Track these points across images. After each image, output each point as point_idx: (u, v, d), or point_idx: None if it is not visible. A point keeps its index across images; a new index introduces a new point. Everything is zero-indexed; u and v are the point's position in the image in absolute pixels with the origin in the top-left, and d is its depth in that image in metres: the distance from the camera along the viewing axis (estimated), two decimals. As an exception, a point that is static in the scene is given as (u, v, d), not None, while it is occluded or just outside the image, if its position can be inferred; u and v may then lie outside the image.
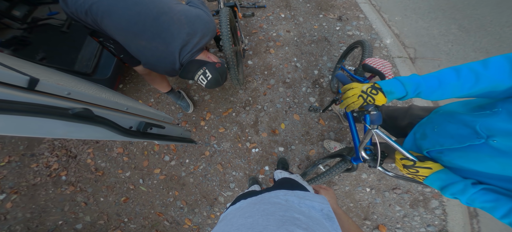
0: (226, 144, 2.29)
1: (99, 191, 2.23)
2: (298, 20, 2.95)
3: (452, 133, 0.83)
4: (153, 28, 1.27)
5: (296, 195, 0.67)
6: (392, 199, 2.07)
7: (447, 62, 2.68)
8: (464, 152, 0.78)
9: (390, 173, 1.16)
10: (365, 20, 2.97)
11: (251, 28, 2.86)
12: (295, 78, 2.56)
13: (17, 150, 2.33)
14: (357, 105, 0.87)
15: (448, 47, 2.76)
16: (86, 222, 2.14)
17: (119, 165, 2.29)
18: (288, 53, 2.71)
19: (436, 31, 2.89)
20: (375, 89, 0.85)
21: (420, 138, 0.99)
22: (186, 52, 1.38)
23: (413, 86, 0.81)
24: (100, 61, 2.04)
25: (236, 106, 2.43)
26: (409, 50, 2.79)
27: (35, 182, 2.22)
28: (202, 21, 1.41)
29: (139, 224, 2.14)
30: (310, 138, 2.29)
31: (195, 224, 2.10)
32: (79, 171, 2.27)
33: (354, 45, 2.01)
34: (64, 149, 2.33)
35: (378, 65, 1.38)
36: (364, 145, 1.12)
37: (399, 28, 2.98)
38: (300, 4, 3.09)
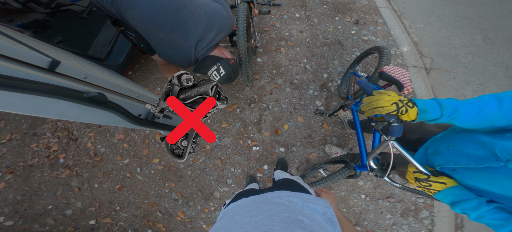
0: (227, 140, 2.34)
1: (94, 177, 2.28)
2: (312, 21, 2.94)
3: (468, 153, 0.81)
4: (173, 21, 1.33)
5: (299, 197, 0.68)
6: (384, 207, 2.09)
7: (464, 76, 2.58)
8: (479, 173, 0.77)
9: (397, 184, 1.15)
10: (384, 26, 2.91)
11: (264, 25, 2.89)
12: (303, 79, 2.56)
13: (20, 128, 2.39)
14: (387, 111, 0.87)
15: (467, 59, 2.65)
16: (76, 208, 2.19)
17: (118, 152, 2.35)
18: (299, 53, 2.71)
19: (458, 42, 2.77)
20: (411, 103, 0.85)
21: (432, 154, 0.99)
22: (201, 47, 1.43)
23: (450, 110, 0.80)
24: (113, 48, 2.14)
25: (241, 103, 2.48)
26: (425, 59, 2.71)
27: (33, 162, 2.27)
28: (220, 16, 1.44)
29: (130, 214, 2.19)
30: (312, 142, 2.29)
31: (188, 217, 2.16)
32: (77, 155, 2.33)
33: (371, 51, 1.96)
34: (66, 131, 2.39)
35: (396, 74, 1.35)
36: (375, 155, 1.12)
37: (419, 36, 2.89)
38: (317, 5, 3.08)
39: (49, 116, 0.70)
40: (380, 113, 0.89)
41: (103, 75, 0.94)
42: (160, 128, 1.25)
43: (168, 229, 2.15)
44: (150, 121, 1.13)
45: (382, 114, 0.88)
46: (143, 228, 2.16)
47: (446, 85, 2.55)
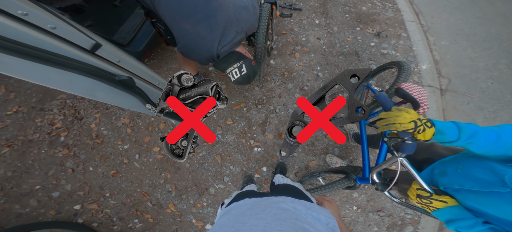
0: (230, 137, 2.46)
1: (91, 160, 2.33)
2: (332, 29, 3.00)
3: (476, 178, 0.86)
4: (201, 13, 1.37)
5: (303, 205, 0.69)
6: (373, 220, 2.17)
7: (478, 101, 2.54)
8: (483, 196, 0.83)
9: (396, 199, 1.20)
10: (406, 40, 2.90)
11: (282, 28, 2.99)
12: (314, 87, 2.63)
13: (29, 101, 2.47)
14: (403, 128, 0.89)
15: (486, 84, 2.60)
16: (64, 190, 2.22)
17: (120, 136, 2.43)
18: (313, 60, 2.79)
19: (482, 64, 2.72)
20: (429, 123, 0.89)
21: (439, 174, 1.04)
22: (225, 42, 1.48)
23: (468, 134, 0.84)
24: (136, 36, 2.32)
25: (249, 102, 2.60)
26: (443, 80, 2.68)
27: (33, 138, 2.33)
28: (248, 13, 1.51)
29: (119, 201, 2.24)
30: (314, 149, 2.36)
31: (178, 210, 2.23)
32: (79, 135, 2.40)
33: (389, 66, 1.96)
34: (73, 109, 2.47)
35: (414, 92, 1.35)
36: (380, 169, 1.16)
37: (442, 54, 2.86)
38: (339, 13, 3.13)
39: (78, 93, 0.79)
40: (396, 130, 0.91)
41: (132, 61, 1.01)
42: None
43: (156, 221, 2.21)
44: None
45: (398, 130, 0.91)
46: (130, 217, 2.21)
47: (458, 109, 2.53)
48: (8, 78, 2.49)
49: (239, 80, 1.56)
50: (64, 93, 2.48)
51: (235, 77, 1.54)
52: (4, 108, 2.42)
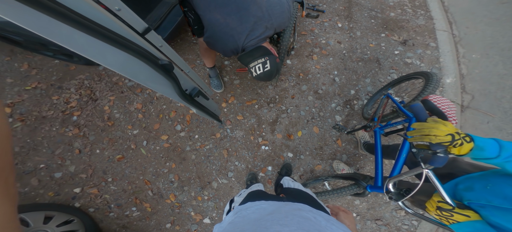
0: (239, 133, 2.49)
1: (99, 142, 2.37)
2: (354, 33, 2.92)
3: (507, 195, 0.85)
4: (235, 4, 1.41)
5: (322, 216, 0.67)
6: (370, 228, 2.16)
7: (499, 121, 2.41)
8: (510, 214, 0.82)
9: (410, 210, 1.19)
10: (434, 51, 2.77)
11: (302, 29, 2.96)
12: (329, 91, 2.59)
13: (49, 79, 2.53)
14: (439, 140, 0.87)
15: (510, 104, 2.44)
16: (67, 171, 2.24)
17: (131, 120, 2.47)
18: (331, 64, 2.74)
19: (510, 83, 2.54)
20: (469, 138, 0.86)
21: (464, 189, 1.02)
22: (253, 36, 1.50)
23: (509, 153, 0.83)
24: (161, 24, 2.37)
25: (261, 100, 2.61)
26: (465, 96, 2.53)
27: (47, 114, 2.38)
28: (281, 8, 1.52)
29: (120, 188, 2.25)
30: (321, 154, 2.34)
31: (178, 201, 2.24)
32: (91, 116, 2.44)
33: (414, 76, 1.88)
34: (90, 89, 2.52)
35: (443, 105, 1.31)
36: (400, 179, 1.15)
37: (470, 68, 2.70)
38: (364, 18, 3.04)
39: (125, 74, 0.84)
40: (430, 141, 0.88)
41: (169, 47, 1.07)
42: (196, 107, 1.39)
43: (154, 210, 2.22)
44: (192, 98, 1.26)
45: (432, 142, 0.88)
46: (128, 205, 2.22)
47: (477, 127, 2.39)
48: (33, 56, 2.65)
49: (261, 75, 1.57)
50: (83, 74, 2.60)
51: (258, 72, 1.55)
52: (24, 83, 2.50)
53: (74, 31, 0.64)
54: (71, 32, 0.63)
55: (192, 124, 2.52)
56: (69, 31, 0.63)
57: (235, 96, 2.63)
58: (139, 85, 2.64)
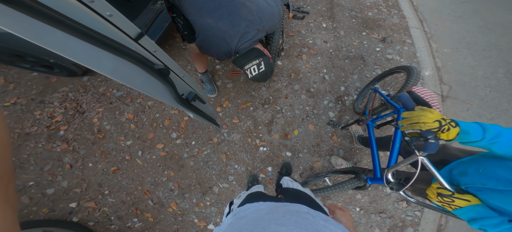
0: (236, 136, 2.50)
1: (91, 155, 2.28)
2: (338, 33, 3.06)
3: (499, 177, 0.89)
4: (225, 8, 1.44)
5: (320, 216, 0.68)
6: (375, 222, 2.23)
7: (477, 108, 2.65)
8: (506, 195, 0.85)
9: (412, 199, 1.22)
10: (411, 47, 2.98)
11: (289, 30, 3.05)
12: (320, 89, 2.68)
13: (29, 93, 2.40)
14: (427, 127, 0.92)
15: (485, 92, 2.72)
16: (60, 187, 2.15)
17: (123, 131, 2.40)
18: (319, 63, 2.84)
19: (481, 73, 2.85)
20: (454, 123, 0.91)
21: (459, 174, 1.06)
22: (246, 39, 1.54)
23: (493, 134, 0.86)
24: (148, 31, 2.31)
25: (255, 101, 2.64)
26: (444, 87, 2.78)
27: (30, 131, 2.27)
28: (271, 11, 1.57)
29: (119, 199, 2.19)
30: (319, 151, 2.41)
31: (180, 209, 2.21)
32: (80, 129, 2.34)
33: (397, 70, 2.03)
34: (75, 102, 2.42)
35: (425, 95, 1.41)
36: (397, 169, 1.19)
37: (444, 62, 2.96)
38: (345, 18, 3.20)
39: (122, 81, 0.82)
40: (420, 129, 0.93)
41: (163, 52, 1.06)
42: (192, 111, 1.37)
43: (156, 220, 2.18)
44: (189, 102, 1.26)
45: (421, 129, 0.93)
46: (129, 216, 2.17)
47: (458, 115, 2.62)
48: (8, 69, 2.46)
49: (257, 77, 1.61)
50: (67, 86, 2.46)
51: (253, 73, 1.59)
52: (2, 99, 2.35)
53: (68, 37, 0.62)
54: (65, 38, 0.62)
55: (187, 130, 2.48)
56: (63, 37, 0.61)
57: (229, 99, 2.63)
58: (129, 94, 2.54)
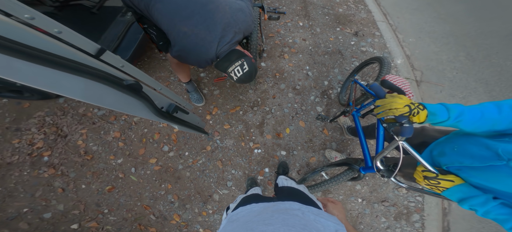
0: (229, 141, 2.47)
1: (82, 177, 2.23)
2: (315, 30, 3.17)
3: (473, 154, 0.92)
4: (199, 15, 1.42)
5: (311, 211, 0.70)
6: (379, 211, 2.27)
7: (449, 89, 2.92)
8: (483, 172, 0.88)
9: (404, 184, 1.26)
10: (380, 38, 3.19)
11: (269, 31, 3.09)
12: (305, 86, 2.76)
13: (2, 122, 2.32)
14: (400, 112, 0.96)
15: (453, 74, 3.01)
16: (57, 211, 2.11)
17: (112, 150, 2.34)
18: (301, 60, 2.92)
19: (445, 57, 3.14)
20: (422, 106, 0.96)
21: (438, 155, 1.10)
22: (225, 42, 1.53)
23: (456, 113, 0.91)
24: (121, 44, 2.21)
25: (244, 105, 2.63)
26: (416, 72, 3.03)
27: (12, 160, 2.19)
28: (244, 14, 1.57)
29: (120, 217, 2.15)
30: (312, 146, 2.48)
31: (184, 220, 2.18)
32: (65, 153, 2.27)
33: (371, 61, 2.17)
34: (55, 126, 2.34)
35: (398, 82, 1.49)
36: (383, 156, 1.21)
37: (411, 50, 3.22)
38: (319, 15, 3.33)
39: (89, 101, 0.75)
40: (393, 115, 0.98)
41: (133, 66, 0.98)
42: (176, 123, 1.32)
43: None
44: (170, 114, 1.21)
45: (395, 115, 0.98)
46: None
47: (434, 97, 2.87)
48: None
49: (242, 77, 1.59)
50: (42, 111, 2.29)
51: (238, 75, 1.58)
52: None
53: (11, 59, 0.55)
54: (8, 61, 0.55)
55: (179, 142, 2.42)
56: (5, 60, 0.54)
57: (218, 106, 2.60)
58: (111, 112, 2.40)
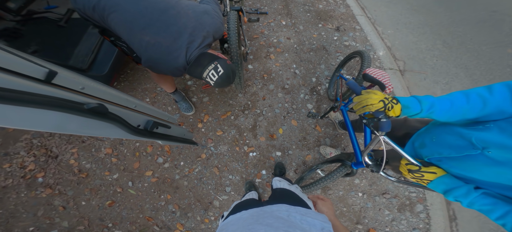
0: (223, 147, 2.45)
1: (81, 194, 2.24)
2: (298, 28, 3.20)
3: (450, 144, 0.94)
4: (159, 22, 1.32)
5: (298, 211, 0.71)
6: (382, 204, 2.30)
7: (432, 76, 3.04)
8: (461, 161, 0.90)
9: (392, 178, 1.29)
10: (361, 32, 3.27)
11: (253, 33, 3.07)
12: (294, 84, 2.77)
13: None
14: (375, 108, 0.98)
15: (433, 61, 3.14)
16: (62, 227, 2.13)
17: (106, 167, 2.33)
18: (288, 59, 2.93)
19: (424, 46, 3.27)
20: (395, 100, 0.98)
21: (419, 147, 1.12)
22: (194, 47, 1.43)
23: (427, 105, 0.93)
24: (97, 58, 2.11)
25: (235, 110, 2.61)
26: (399, 62, 3.14)
27: (6, 184, 2.20)
28: (210, 16, 1.48)
29: (125, 229, 2.17)
30: (307, 144, 2.50)
31: (187, 229, 2.19)
32: (59, 173, 2.27)
33: (353, 55, 2.22)
34: (43, 148, 2.32)
35: (378, 75, 1.55)
36: (369, 151, 1.25)
37: (391, 41, 3.32)
38: (301, 13, 3.35)
39: (46, 129, 0.69)
40: (370, 111, 1.00)
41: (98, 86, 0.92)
42: (159, 138, 1.27)
43: None
44: (149, 131, 1.15)
45: (371, 111, 1.00)
46: None
47: (419, 85, 2.98)
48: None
49: (219, 81, 1.47)
50: (28, 133, 2.21)
51: (214, 79, 1.46)
52: None
53: None
54: None
55: (173, 152, 2.39)
56: None
57: (209, 113, 2.56)
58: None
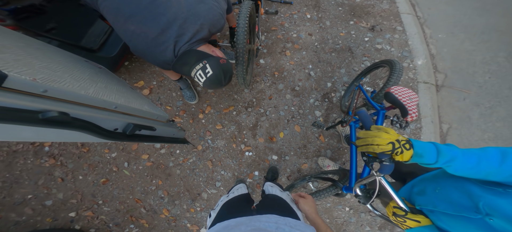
0: (220, 142, 2.42)
1: (79, 168, 2.34)
2: (324, 23, 2.90)
3: (452, 200, 0.85)
4: (146, 10, 1.23)
5: (287, 223, 0.71)
6: (365, 220, 2.22)
7: (475, 97, 2.51)
8: (454, 220, 0.81)
9: (378, 212, 1.21)
10: (402, 34, 2.81)
11: (271, 24, 2.90)
12: (306, 87, 2.56)
13: None
14: (381, 149, 0.85)
15: (484, 79, 2.57)
16: (57, 199, 2.25)
17: (106, 144, 2.41)
18: (305, 58, 2.71)
19: (480, 58, 2.68)
20: (408, 145, 0.84)
21: (417, 193, 1.04)
22: (183, 42, 1.31)
23: (447, 158, 0.80)
24: (108, 39, 2.17)
25: (238, 105, 2.54)
26: (439, 75, 2.64)
27: (16, 148, 2.34)
28: (206, 6, 1.33)
29: (113, 208, 2.27)
30: (306, 152, 2.32)
31: (172, 215, 2.26)
32: (64, 144, 2.38)
33: (381, 64, 1.90)
34: None
35: (403, 96, 1.32)
36: (362, 184, 1.16)
37: (438, 48, 2.79)
38: (331, 6, 3.03)
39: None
40: (374, 151, 0.87)
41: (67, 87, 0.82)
42: (140, 141, 1.21)
43: (151, 226, 2.25)
44: (128, 135, 1.07)
45: (376, 152, 0.87)
46: (125, 223, 2.25)
47: (454, 105, 2.49)
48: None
49: (207, 83, 1.34)
50: None
51: (202, 80, 1.33)
52: None
53: None
54: None
55: None
56: None
57: (211, 105, 2.54)
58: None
